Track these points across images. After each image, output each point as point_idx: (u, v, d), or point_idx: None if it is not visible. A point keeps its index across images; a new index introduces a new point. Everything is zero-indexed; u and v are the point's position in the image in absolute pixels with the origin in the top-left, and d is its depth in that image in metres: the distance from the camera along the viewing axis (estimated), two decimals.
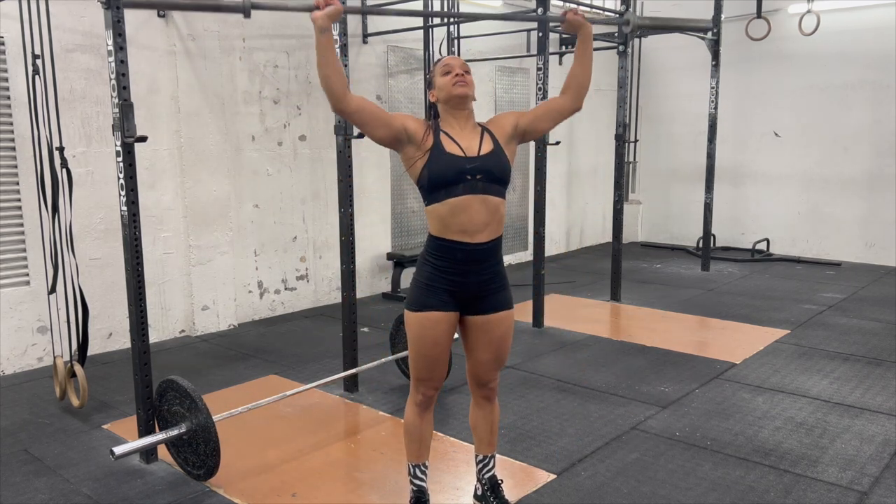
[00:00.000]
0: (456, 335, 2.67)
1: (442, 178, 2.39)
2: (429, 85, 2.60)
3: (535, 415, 3.77)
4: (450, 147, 2.43)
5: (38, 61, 3.69)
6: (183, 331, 5.37)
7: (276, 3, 2.28)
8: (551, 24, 5.25)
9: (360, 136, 3.91)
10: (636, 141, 8.95)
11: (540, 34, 5.07)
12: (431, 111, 2.57)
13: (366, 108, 2.41)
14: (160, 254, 5.15)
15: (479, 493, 2.80)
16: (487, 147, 2.47)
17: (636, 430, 3.58)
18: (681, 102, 9.16)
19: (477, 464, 2.81)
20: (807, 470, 3.14)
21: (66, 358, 4.00)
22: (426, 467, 2.73)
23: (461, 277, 2.47)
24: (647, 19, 2.61)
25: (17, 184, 4.45)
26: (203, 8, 2.25)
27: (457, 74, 2.45)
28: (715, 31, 7.13)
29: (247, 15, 2.12)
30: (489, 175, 2.43)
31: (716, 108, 7.29)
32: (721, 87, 7.47)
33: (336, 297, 6.30)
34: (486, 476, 2.78)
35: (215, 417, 3.04)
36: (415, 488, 2.72)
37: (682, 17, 2.76)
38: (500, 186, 2.47)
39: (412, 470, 2.72)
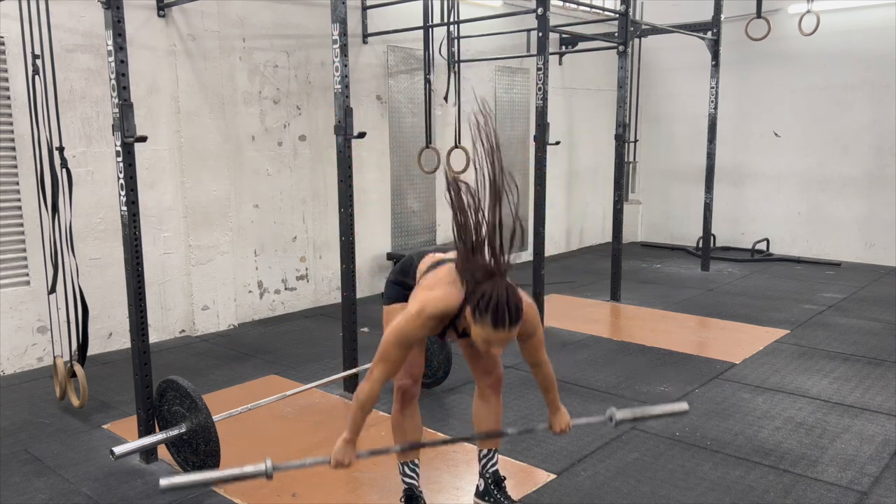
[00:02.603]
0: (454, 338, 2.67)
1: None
2: (473, 315, 2.18)
3: (535, 415, 3.77)
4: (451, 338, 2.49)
5: (38, 61, 3.69)
6: (183, 331, 5.37)
7: (297, 464, 2.46)
8: (551, 25, 5.24)
9: (361, 135, 3.93)
10: (636, 141, 8.94)
11: (540, 34, 5.07)
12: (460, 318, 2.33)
13: (394, 370, 2.33)
14: (160, 254, 5.15)
15: (482, 489, 2.80)
16: None
17: (636, 430, 3.58)
18: (681, 102, 9.15)
19: (480, 459, 2.81)
20: (807, 470, 3.14)
21: (66, 358, 4.00)
22: (415, 465, 2.73)
23: None
24: (629, 413, 2.60)
25: (17, 184, 4.45)
26: (230, 480, 2.45)
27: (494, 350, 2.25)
28: (715, 31, 7.13)
29: (269, 478, 2.32)
30: None
31: (716, 108, 7.29)
32: (721, 87, 7.47)
33: (336, 297, 6.30)
34: (490, 471, 2.78)
35: (215, 417, 3.04)
36: (405, 486, 2.73)
37: (661, 408, 2.71)
38: None
39: (400, 468, 2.74)
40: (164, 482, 2.30)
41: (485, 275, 2.20)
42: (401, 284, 2.68)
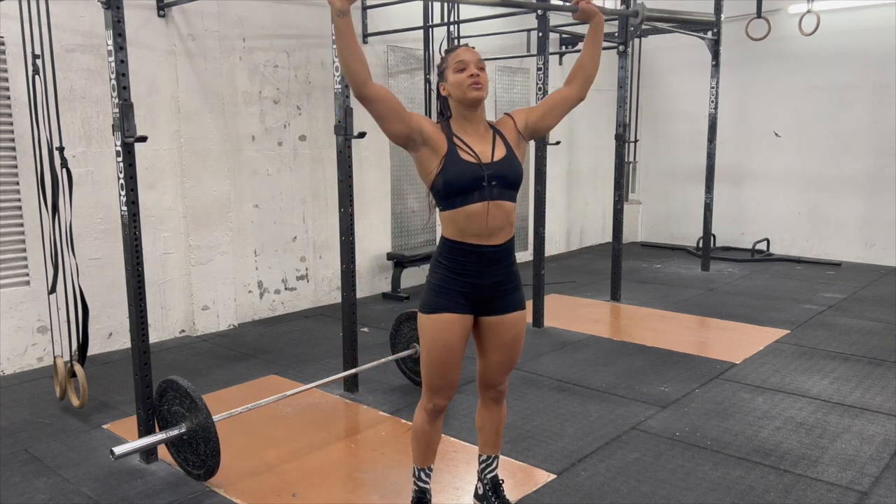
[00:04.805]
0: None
1: (457, 185, 2.35)
2: (440, 76, 2.48)
3: (535, 415, 3.77)
4: (464, 154, 2.38)
5: (38, 61, 3.69)
6: (183, 331, 5.37)
7: None
8: (551, 25, 5.25)
9: (361, 135, 3.93)
10: (636, 141, 8.94)
11: (540, 34, 5.07)
12: (441, 104, 2.50)
13: (387, 99, 2.32)
14: (160, 254, 5.15)
15: (481, 492, 2.79)
16: (500, 152, 2.43)
17: (636, 430, 3.58)
18: (681, 102, 9.16)
19: (480, 464, 2.80)
20: (807, 470, 3.14)
21: (66, 358, 4.00)
22: (431, 470, 2.72)
23: (476, 279, 2.43)
24: (656, 11, 2.66)
25: (17, 184, 4.45)
26: None
27: (472, 74, 2.37)
28: (715, 31, 7.13)
29: None
30: (503, 181, 2.40)
31: (716, 108, 7.29)
32: (721, 87, 7.47)
33: (336, 297, 6.30)
34: (489, 476, 2.78)
35: (215, 417, 3.04)
36: (416, 489, 2.72)
37: (688, 11, 2.81)
38: (513, 192, 2.45)
39: (417, 472, 2.71)
40: None
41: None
42: (437, 290, 2.45)
